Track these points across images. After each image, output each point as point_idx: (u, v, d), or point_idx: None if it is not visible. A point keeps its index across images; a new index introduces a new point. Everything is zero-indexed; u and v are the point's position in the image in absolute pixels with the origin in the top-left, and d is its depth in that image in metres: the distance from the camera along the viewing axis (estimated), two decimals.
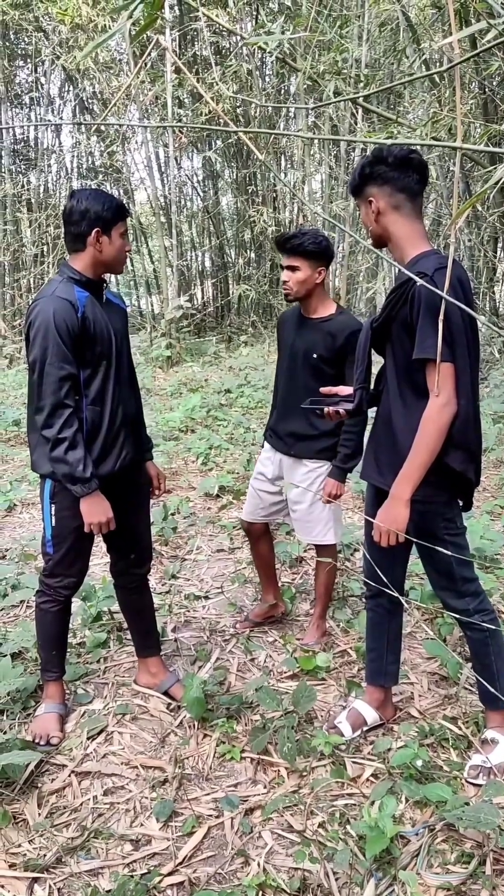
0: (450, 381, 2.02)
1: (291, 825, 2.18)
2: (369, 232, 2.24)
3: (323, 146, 12.40)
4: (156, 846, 2.14)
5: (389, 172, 2.13)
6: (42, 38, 11.61)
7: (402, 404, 2.19)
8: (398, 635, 2.61)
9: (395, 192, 2.13)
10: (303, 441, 3.03)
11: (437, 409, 2.02)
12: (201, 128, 2.72)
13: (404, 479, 2.08)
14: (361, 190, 2.19)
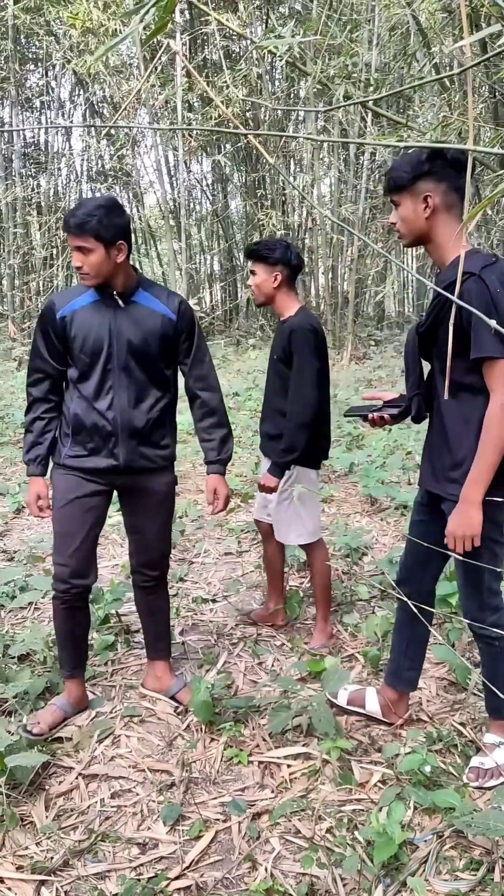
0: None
1: (299, 830, 2.17)
2: (409, 230, 2.16)
3: (332, 150, 12.41)
4: (163, 850, 2.13)
5: (448, 169, 2.09)
6: (53, 42, 11.67)
7: (456, 408, 2.15)
8: (422, 643, 2.57)
9: (450, 190, 2.10)
10: (271, 440, 3.14)
11: (501, 408, 1.98)
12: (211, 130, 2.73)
13: (474, 482, 2.04)
14: (413, 184, 2.10)
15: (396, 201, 2.16)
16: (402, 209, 2.15)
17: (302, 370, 2.97)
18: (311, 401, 2.98)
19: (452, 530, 2.09)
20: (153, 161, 13.84)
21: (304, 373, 2.97)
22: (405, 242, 2.24)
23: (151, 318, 2.53)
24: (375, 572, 3.79)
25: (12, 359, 11.04)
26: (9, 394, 8.76)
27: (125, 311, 2.52)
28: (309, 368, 2.97)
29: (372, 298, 14.63)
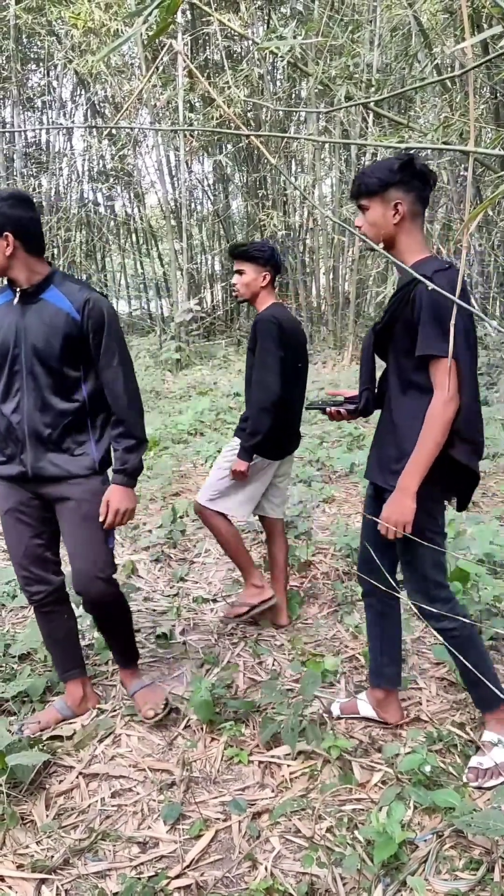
0: (452, 376, 2.09)
1: (299, 829, 2.17)
2: (376, 234, 2.26)
3: (333, 150, 12.41)
4: (163, 849, 2.13)
5: (416, 181, 2.21)
6: (55, 42, 11.68)
7: (405, 404, 2.25)
8: (394, 637, 2.61)
9: (416, 200, 2.23)
10: (241, 427, 3.31)
11: (442, 404, 2.09)
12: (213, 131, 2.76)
13: (411, 472, 2.13)
14: (385, 191, 2.20)
15: (365, 206, 2.25)
16: (371, 213, 2.25)
17: (264, 358, 3.12)
18: (273, 387, 3.11)
19: (386, 516, 2.18)
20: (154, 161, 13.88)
21: (265, 360, 3.12)
22: (378, 244, 2.30)
23: (56, 317, 2.36)
24: None
25: None
26: None
27: (34, 311, 2.38)
28: (271, 357, 3.11)
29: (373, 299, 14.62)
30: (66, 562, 2.72)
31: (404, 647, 3.16)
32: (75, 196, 14.94)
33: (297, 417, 3.36)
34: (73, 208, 14.09)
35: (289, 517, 4.57)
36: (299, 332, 3.31)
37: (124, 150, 13.05)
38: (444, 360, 2.08)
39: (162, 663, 3.14)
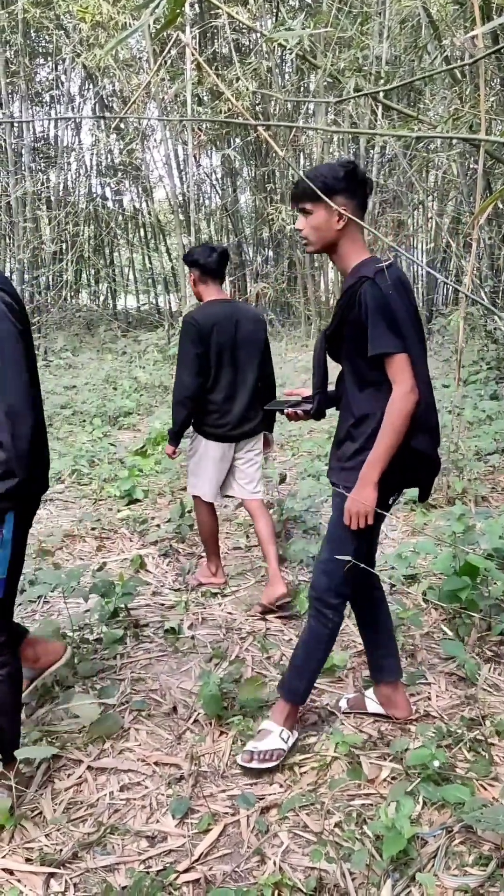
0: (408, 370, 2.15)
1: (307, 825, 2.17)
2: (318, 239, 2.28)
3: (342, 144, 12.36)
4: (171, 843, 2.13)
5: (360, 188, 2.26)
6: (63, 36, 11.66)
7: (362, 402, 2.30)
8: (386, 629, 2.62)
9: (358, 207, 2.27)
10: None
11: (401, 396, 2.15)
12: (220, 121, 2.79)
13: (373, 463, 2.19)
14: (331, 196, 2.18)
15: (309, 210, 2.26)
16: (315, 218, 2.26)
17: (180, 356, 3.52)
18: (185, 382, 3.48)
19: (349, 507, 2.25)
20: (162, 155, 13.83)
21: (180, 358, 3.51)
22: (312, 250, 2.35)
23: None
24: (385, 567, 3.78)
25: None
26: None
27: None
28: (185, 355, 3.47)
29: None
30: None
31: (413, 643, 3.15)
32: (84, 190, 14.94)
33: (236, 405, 3.57)
34: (81, 203, 14.09)
35: (297, 511, 4.56)
36: (228, 326, 3.49)
37: (132, 145, 13.02)
38: (397, 355, 2.14)
39: (170, 658, 3.14)
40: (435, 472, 2.40)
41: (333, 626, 2.41)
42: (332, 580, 2.38)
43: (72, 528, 4.65)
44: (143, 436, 6.79)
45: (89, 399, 8.17)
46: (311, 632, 2.44)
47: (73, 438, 6.84)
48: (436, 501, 4.82)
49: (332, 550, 2.37)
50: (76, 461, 5.86)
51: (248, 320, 3.58)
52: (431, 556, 3.77)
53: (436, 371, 9.69)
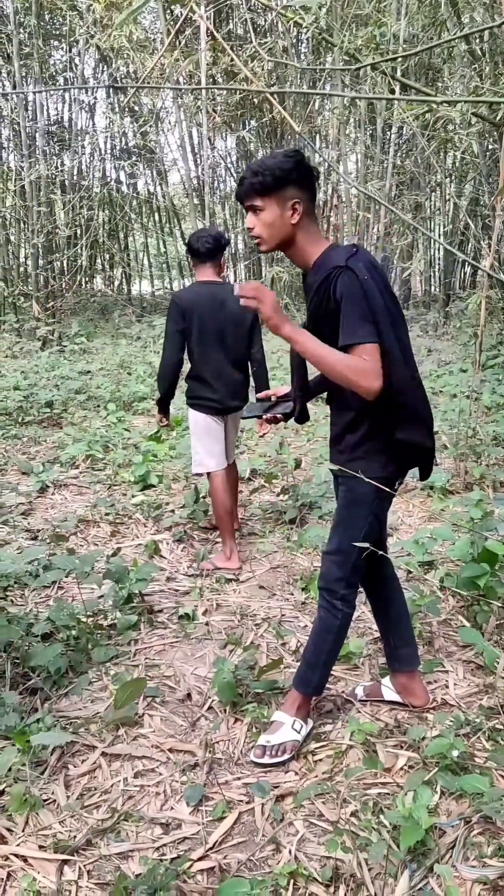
0: (377, 360, 2.01)
1: (323, 813, 2.14)
2: (272, 235, 2.16)
3: (359, 125, 12.19)
4: (186, 830, 2.11)
5: (310, 178, 2.15)
6: (76, 18, 11.55)
7: (348, 394, 2.21)
8: (401, 618, 2.57)
9: (310, 198, 2.17)
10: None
11: (365, 372, 1.99)
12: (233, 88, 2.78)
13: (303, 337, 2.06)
14: (281, 189, 2.09)
15: (259, 206, 2.13)
16: (267, 214, 2.14)
17: (165, 332, 3.79)
18: (165, 356, 3.80)
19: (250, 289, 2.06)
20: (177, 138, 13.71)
21: (165, 334, 3.79)
22: (266, 248, 2.21)
23: None
24: (401, 553, 3.74)
25: (36, 338, 11.05)
26: (33, 373, 8.76)
27: None
28: (167, 329, 3.77)
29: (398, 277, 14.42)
30: None
31: (430, 630, 3.11)
32: (98, 174, 14.86)
33: (223, 377, 3.80)
34: (95, 187, 14.02)
35: (313, 497, 4.52)
36: (211, 306, 3.70)
37: (146, 127, 12.92)
38: (368, 345, 2.01)
39: (184, 644, 3.12)
40: (431, 457, 2.35)
41: (344, 616, 2.37)
42: (342, 569, 2.33)
43: (86, 513, 4.63)
44: (157, 421, 6.75)
45: (104, 384, 8.15)
46: (321, 623, 2.40)
47: (88, 424, 6.82)
48: (453, 487, 4.76)
49: (341, 538, 2.32)
50: (90, 446, 5.85)
51: (234, 301, 3.58)
52: (449, 543, 3.72)
53: (452, 356, 9.59)
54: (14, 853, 2.01)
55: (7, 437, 6.34)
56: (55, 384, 8.18)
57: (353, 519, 2.30)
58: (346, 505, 2.33)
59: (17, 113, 11.48)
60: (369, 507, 2.30)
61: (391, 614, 2.57)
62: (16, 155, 12.78)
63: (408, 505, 4.65)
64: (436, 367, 8.73)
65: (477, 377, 6.39)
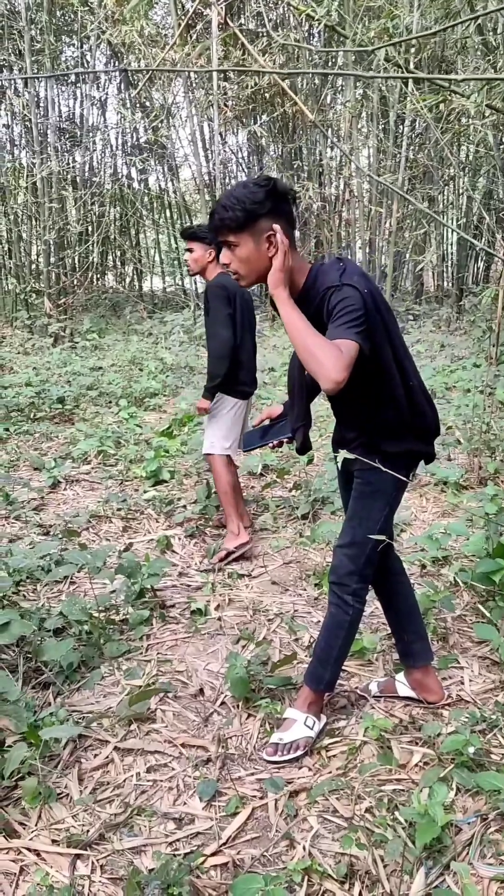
0: (351, 356, 1.87)
1: (337, 809, 2.12)
2: (251, 270, 2.07)
3: (371, 119, 12.12)
4: (199, 825, 2.10)
5: (283, 203, 2.04)
6: (88, 14, 11.53)
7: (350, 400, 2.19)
8: (412, 611, 2.54)
9: (287, 225, 2.05)
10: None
11: (335, 355, 1.84)
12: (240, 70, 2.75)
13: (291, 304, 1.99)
14: (254, 223, 1.99)
15: (234, 242, 2.03)
16: (242, 250, 2.04)
17: (215, 315, 3.81)
18: (225, 337, 3.78)
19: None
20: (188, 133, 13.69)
21: (216, 317, 3.80)
22: (245, 283, 2.12)
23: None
24: (415, 549, 3.71)
25: (48, 335, 11.06)
26: (45, 370, 8.77)
27: None
28: (220, 314, 3.79)
29: (410, 272, 14.34)
30: None
31: (445, 626, 3.08)
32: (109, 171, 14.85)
33: (252, 363, 3.99)
34: (106, 183, 14.01)
35: (325, 492, 4.50)
36: (244, 294, 3.91)
37: (157, 123, 12.89)
38: (349, 341, 1.88)
39: (197, 639, 3.11)
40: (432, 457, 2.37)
41: (355, 612, 2.34)
42: (354, 562, 2.30)
43: (98, 508, 4.63)
44: (169, 416, 6.76)
45: (115, 380, 8.14)
46: (332, 619, 2.37)
47: (100, 419, 6.82)
48: (467, 482, 4.72)
49: (355, 531, 2.30)
50: (102, 442, 5.84)
51: (248, 293, 4.00)
52: (463, 538, 3.68)
53: (465, 350, 9.53)
54: (27, 847, 2.01)
55: (19, 433, 6.35)
56: (67, 380, 8.19)
57: (370, 511, 2.28)
58: (361, 497, 2.31)
59: (28, 109, 11.48)
60: (387, 498, 2.28)
61: (401, 609, 2.54)
62: (27, 152, 12.80)
63: (421, 500, 4.61)
64: (449, 363, 8.66)
65: (491, 371, 6.33)
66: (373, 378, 2.12)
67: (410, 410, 2.21)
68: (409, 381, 2.19)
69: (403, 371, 2.17)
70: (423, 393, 2.26)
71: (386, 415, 2.20)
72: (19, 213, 12.27)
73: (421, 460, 2.38)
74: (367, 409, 2.22)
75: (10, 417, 6.77)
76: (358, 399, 2.19)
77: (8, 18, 11.32)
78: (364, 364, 1.99)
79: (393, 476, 2.23)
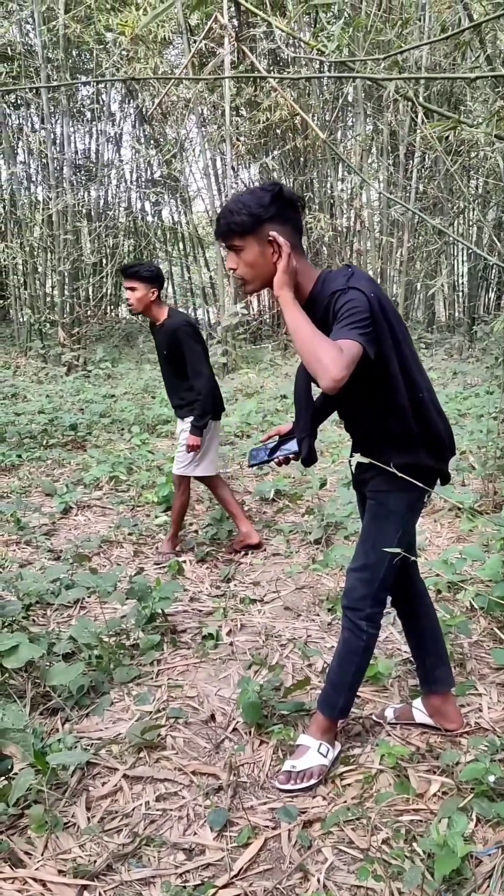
0: (353, 356, 1.82)
1: (353, 840, 2.04)
2: (257, 275, 2.04)
3: (381, 152, 12.26)
4: (210, 856, 2.03)
5: (289, 210, 2.03)
6: (103, 52, 11.80)
7: (364, 408, 2.17)
8: (434, 635, 2.48)
9: (294, 230, 2.04)
10: (181, 408, 4.20)
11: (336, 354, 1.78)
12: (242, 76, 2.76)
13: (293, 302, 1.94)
14: (259, 227, 1.98)
15: (238, 246, 2.03)
16: (248, 254, 2.02)
17: (193, 355, 3.98)
18: (207, 374, 4.03)
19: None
20: (201, 167, 13.89)
21: (194, 357, 3.98)
22: (251, 288, 2.10)
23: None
24: (430, 574, 3.64)
25: (62, 364, 11.14)
26: (58, 397, 8.81)
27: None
28: (195, 352, 3.98)
29: (422, 302, 14.38)
30: None
31: (462, 651, 3.00)
32: (124, 204, 15.08)
33: (219, 387, 4.24)
34: (120, 216, 14.21)
35: (338, 517, 4.45)
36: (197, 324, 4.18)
37: (170, 157, 13.10)
38: (351, 342, 1.83)
39: (209, 664, 3.05)
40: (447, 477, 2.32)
41: (369, 637, 2.27)
42: (368, 586, 2.24)
43: (109, 533, 4.60)
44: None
45: (128, 408, 8.16)
46: (345, 644, 2.31)
47: (112, 446, 6.82)
48: (482, 507, 4.66)
49: (368, 554, 2.24)
50: (114, 468, 5.83)
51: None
52: (479, 563, 3.62)
53: (478, 378, 9.50)
54: (33, 877, 1.94)
55: (31, 460, 6.35)
56: (80, 408, 8.22)
57: (383, 533, 2.22)
58: (374, 519, 2.26)
59: (45, 146, 11.71)
60: (400, 519, 2.23)
61: (424, 632, 2.48)
62: (44, 186, 13.01)
63: (436, 525, 4.55)
64: (462, 389, 8.63)
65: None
66: (377, 383, 2.07)
67: (418, 423, 2.15)
68: (419, 394, 2.14)
69: (412, 382, 2.11)
70: (435, 408, 2.20)
71: (390, 423, 2.14)
72: (35, 245, 12.44)
73: (435, 480, 2.32)
74: (370, 416, 2.18)
75: (23, 444, 6.78)
76: (362, 404, 2.16)
77: (25, 57, 11.58)
78: (368, 368, 1.94)
79: (406, 496, 2.19)
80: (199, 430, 4.01)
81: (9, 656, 2.61)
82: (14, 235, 12.50)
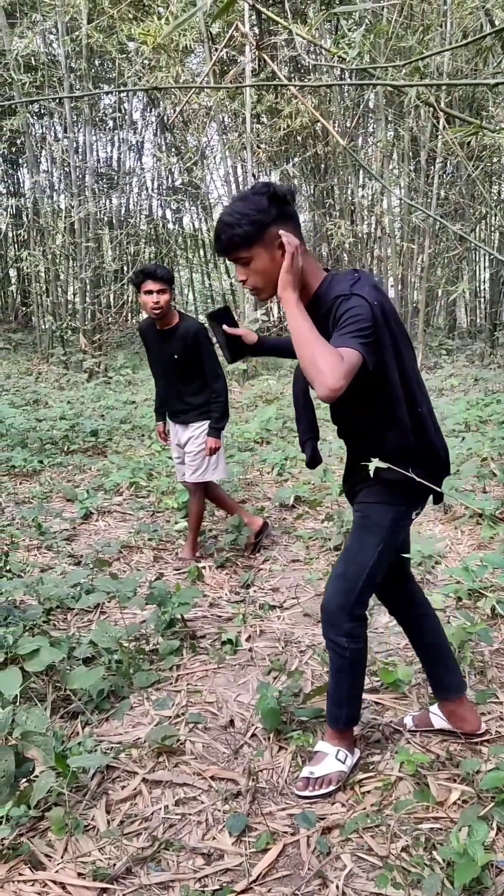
0: (353, 365, 1.79)
1: (372, 847, 2.04)
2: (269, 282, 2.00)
3: (402, 158, 12.24)
4: (228, 861, 2.03)
5: (287, 206, 1.98)
6: (125, 61, 11.91)
7: (360, 417, 2.15)
8: (440, 644, 2.45)
9: (295, 227, 2.00)
10: (188, 412, 4.14)
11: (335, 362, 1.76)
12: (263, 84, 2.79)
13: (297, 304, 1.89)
14: (263, 233, 1.94)
15: (246, 257, 1.98)
16: (258, 262, 1.98)
17: (209, 357, 3.99)
18: (223, 377, 4.06)
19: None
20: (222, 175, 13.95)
21: (212, 358, 4.00)
22: (266, 296, 2.05)
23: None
24: (450, 581, 3.62)
25: (83, 370, 11.22)
26: (79, 403, 8.88)
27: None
28: (212, 354, 3.99)
29: (443, 308, 14.32)
30: None
31: (482, 659, 2.99)
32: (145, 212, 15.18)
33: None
34: (141, 223, 14.30)
35: None
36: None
37: (191, 165, 13.18)
38: (351, 350, 1.81)
39: (228, 670, 3.05)
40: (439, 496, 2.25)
41: (353, 653, 2.23)
42: (346, 596, 2.19)
43: (129, 539, 4.62)
44: None
45: (148, 414, 8.19)
46: (332, 663, 2.30)
47: (132, 452, 6.86)
48: (503, 514, 4.62)
49: (348, 564, 2.22)
50: (134, 474, 5.86)
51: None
52: (500, 570, 3.59)
53: (499, 384, 9.44)
54: (52, 879, 1.96)
55: (52, 465, 6.40)
56: (101, 414, 8.27)
57: (364, 545, 2.20)
58: (359, 529, 2.24)
59: (67, 155, 11.83)
60: (381, 534, 2.19)
61: (429, 644, 2.45)
62: (66, 194, 13.14)
63: (456, 532, 4.53)
64: (483, 396, 8.58)
65: None
66: (374, 394, 2.04)
67: (415, 437, 2.12)
68: (418, 408, 2.10)
69: (411, 395, 2.09)
70: (432, 423, 2.17)
71: (386, 435, 2.11)
72: (57, 252, 12.56)
73: (427, 497, 2.25)
74: (365, 425, 2.16)
75: (45, 450, 6.83)
76: (358, 413, 2.14)
77: (49, 67, 11.72)
78: (366, 377, 1.91)
79: (393, 510, 2.17)
80: (218, 431, 4.04)
81: (30, 660, 2.64)
82: (37, 243, 12.63)
